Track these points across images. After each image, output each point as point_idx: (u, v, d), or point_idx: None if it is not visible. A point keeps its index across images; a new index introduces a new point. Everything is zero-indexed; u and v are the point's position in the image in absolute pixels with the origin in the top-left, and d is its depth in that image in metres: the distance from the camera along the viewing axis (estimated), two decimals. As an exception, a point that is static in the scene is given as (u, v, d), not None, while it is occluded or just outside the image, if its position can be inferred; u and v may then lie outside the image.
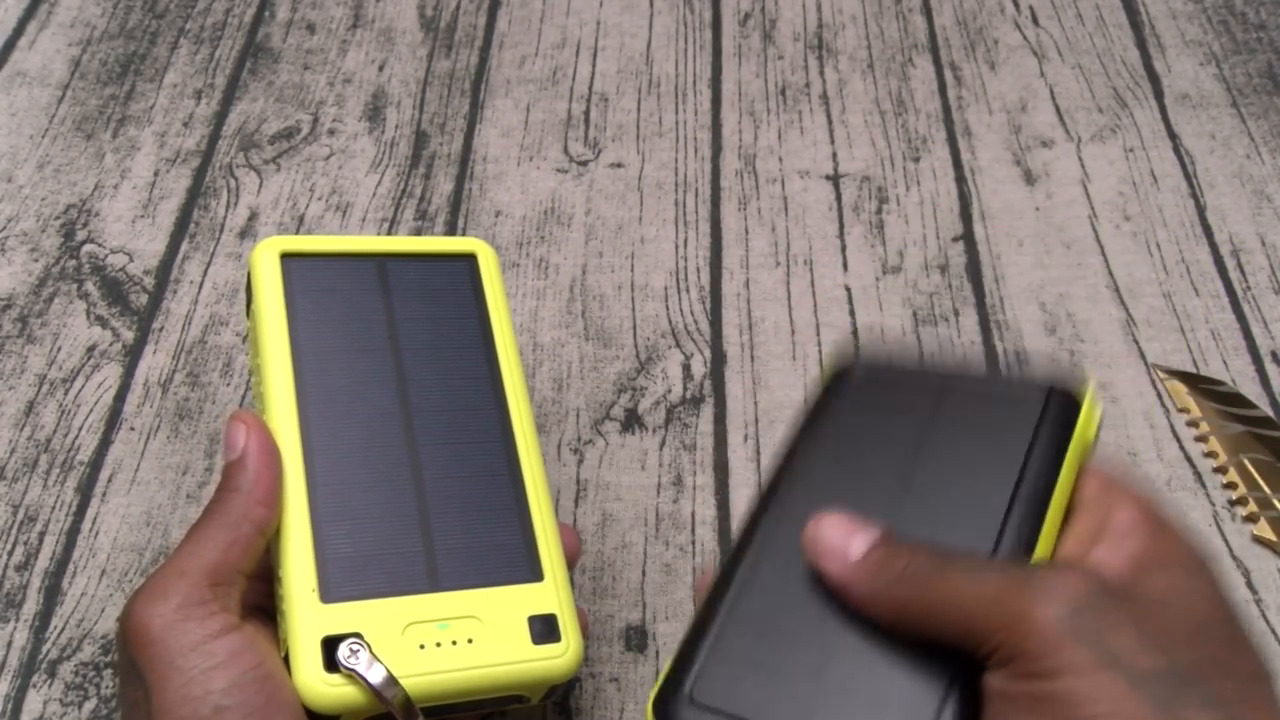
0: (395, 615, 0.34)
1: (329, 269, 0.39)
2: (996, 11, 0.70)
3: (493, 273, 0.41)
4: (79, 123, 0.64)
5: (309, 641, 0.32)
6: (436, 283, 0.40)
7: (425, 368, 0.38)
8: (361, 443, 0.36)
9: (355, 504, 0.35)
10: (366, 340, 0.38)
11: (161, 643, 0.31)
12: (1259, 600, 0.46)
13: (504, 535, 0.36)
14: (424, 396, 0.38)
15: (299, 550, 0.34)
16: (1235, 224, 0.59)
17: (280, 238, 0.39)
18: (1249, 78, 0.65)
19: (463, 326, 0.39)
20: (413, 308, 0.39)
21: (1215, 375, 0.53)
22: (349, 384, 0.37)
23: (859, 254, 0.58)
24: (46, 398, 0.53)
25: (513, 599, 0.35)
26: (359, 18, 0.70)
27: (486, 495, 0.37)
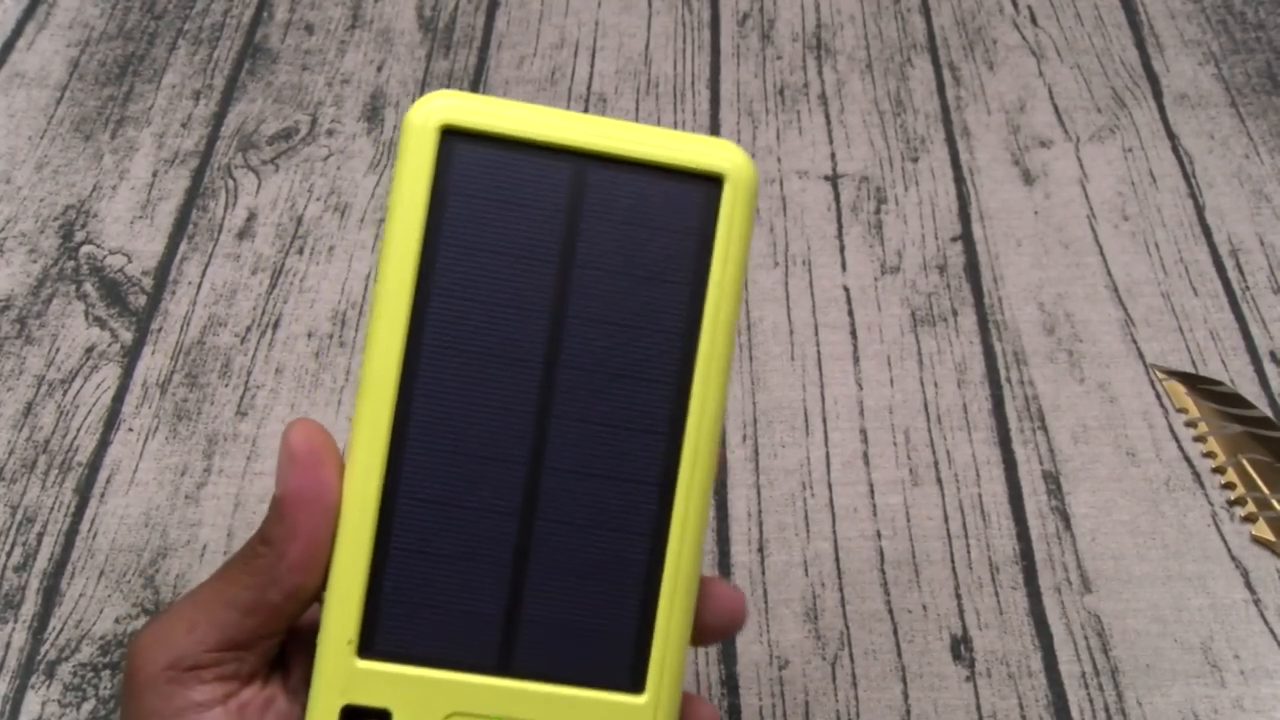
0: (441, 696, 0.26)
1: (505, 163, 0.27)
2: (995, 11, 0.70)
3: (738, 208, 0.27)
4: (77, 124, 0.64)
5: (327, 707, 0.26)
6: (652, 214, 0.27)
7: (591, 349, 0.27)
8: (474, 434, 0.27)
9: (441, 523, 0.27)
10: (526, 283, 0.27)
11: (142, 697, 0.27)
12: (1258, 600, 0.46)
13: (615, 611, 0.27)
14: (574, 392, 0.27)
15: (348, 577, 0.26)
16: (1234, 224, 0.59)
17: (449, 97, 0.27)
18: (1248, 77, 0.65)
19: (669, 290, 0.27)
20: (606, 247, 0.27)
21: (1214, 375, 0.53)
22: (483, 345, 0.27)
23: (857, 254, 0.58)
24: (45, 398, 0.53)
25: (595, 711, 0.27)
26: (357, 18, 0.70)
27: (611, 564, 0.27)
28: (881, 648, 0.45)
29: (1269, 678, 0.44)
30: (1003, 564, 0.47)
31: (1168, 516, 0.48)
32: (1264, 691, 0.44)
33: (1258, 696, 0.43)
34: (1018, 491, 0.49)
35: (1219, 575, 0.47)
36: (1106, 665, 0.44)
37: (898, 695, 0.44)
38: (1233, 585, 0.46)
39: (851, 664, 0.45)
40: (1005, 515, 0.49)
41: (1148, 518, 0.48)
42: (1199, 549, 0.47)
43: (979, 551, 0.47)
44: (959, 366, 0.53)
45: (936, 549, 0.48)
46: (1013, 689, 0.44)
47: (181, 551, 0.48)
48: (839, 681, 0.44)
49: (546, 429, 0.27)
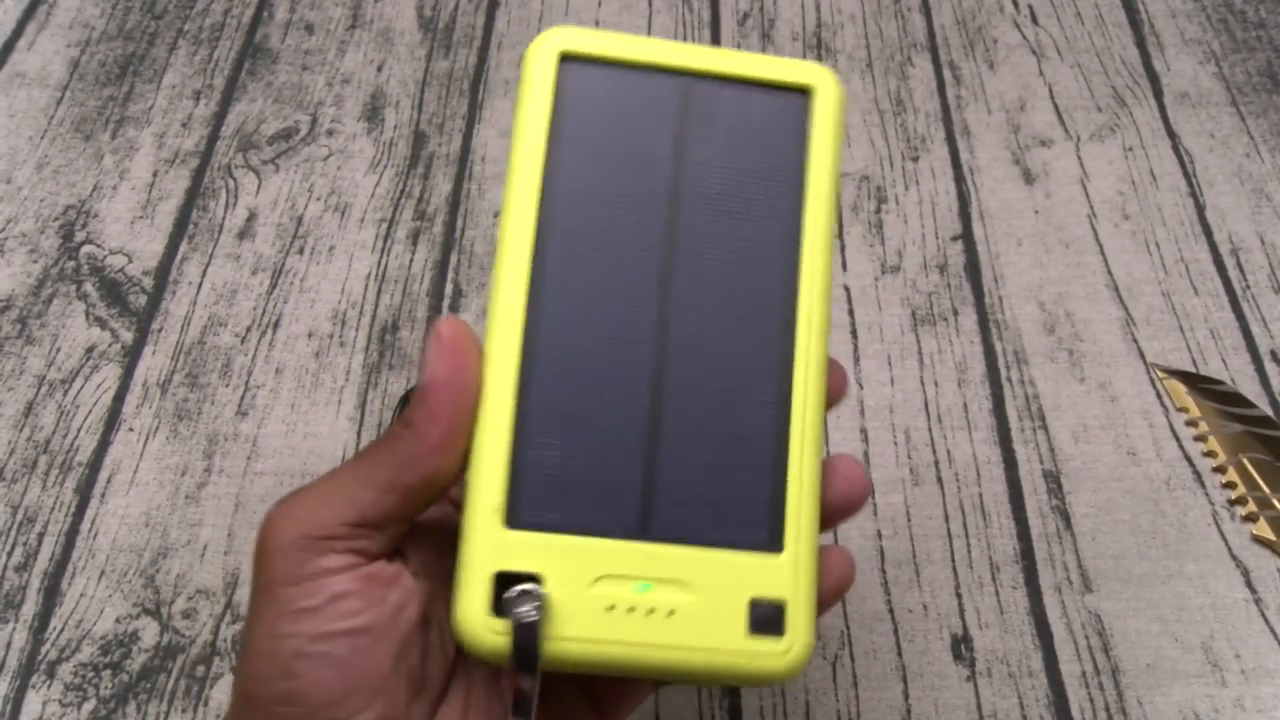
0: (589, 561, 0.27)
1: (619, 83, 0.30)
2: (995, 10, 0.70)
3: (829, 117, 0.31)
4: (78, 124, 0.64)
5: (479, 573, 0.27)
6: (753, 120, 0.30)
7: (705, 239, 0.29)
8: (601, 324, 0.28)
9: (574, 408, 0.28)
10: (643, 181, 0.29)
11: (273, 564, 0.27)
12: (1259, 600, 0.46)
13: (749, 480, 0.28)
14: (693, 279, 0.29)
15: (492, 453, 0.27)
16: (1234, 223, 0.59)
17: (566, 29, 0.30)
18: (1248, 76, 0.65)
19: (768, 188, 0.30)
20: (713, 148, 0.30)
21: (1214, 374, 0.53)
22: (606, 235, 0.29)
23: (858, 253, 0.58)
24: (45, 398, 0.53)
25: (737, 570, 0.27)
26: (357, 18, 0.70)
27: (740, 429, 0.28)
28: (882, 647, 0.45)
29: (1270, 677, 0.44)
30: (1003, 563, 0.47)
31: (1168, 516, 0.48)
32: (1265, 691, 0.44)
33: (1258, 696, 0.43)
34: (1018, 491, 0.49)
35: (1220, 575, 0.47)
36: (1107, 665, 0.44)
37: (898, 695, 0.44)
38: (1233, 585, 0.46)
39: (852, 663, 0.45)
40: (1006, 514, 0.48)
41: (1148, 517, 0.48)
42: (1200, 548, 0.47)
43: (979, 551, 0.47)
44: (959, 366, 0.53)
45: (937, 548, 0.48)
46: (1013, 688, 0.44)
47: (182, 551, 0.48)
48: (839, 681, 0.44)
49: (668, 309, 0.29)
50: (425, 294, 0.56)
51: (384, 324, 0.55)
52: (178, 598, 0.46)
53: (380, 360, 0.54)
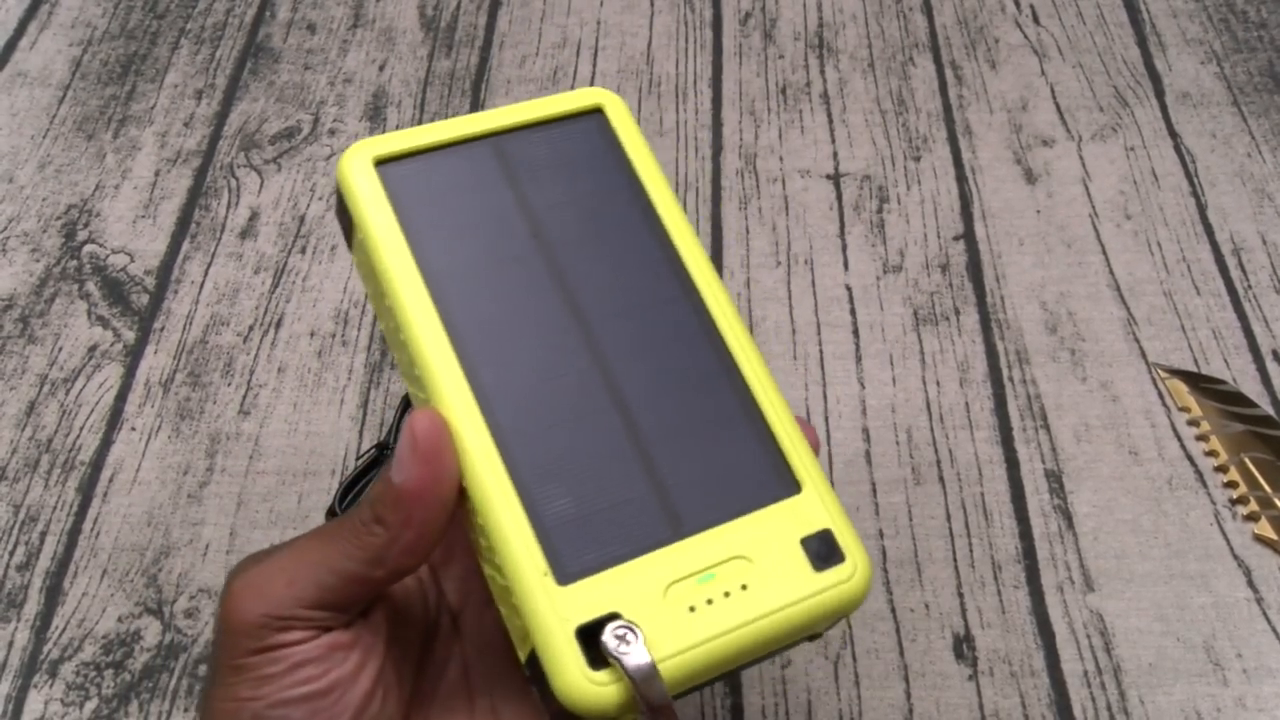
0: (649, 578, 0.27)
1: (436, 167, 0.31)
2: (997, 10, 0.70)
3: (628, 125, 0.33)
4: (80, 123, 0.65)
5: (560, 639, 0.26)
6: (568, 152, 0.32)
7: (587, 263, 0.31)
8: (541, 374, 0.29)
9: (559, 453, 0.28)
10: (508, 244, 0.30)
11: (235, 639, 0.28)
12: (1260, 599, 0.46)
13: (741, 448, 0.29)
14: (596, 299, 0.30)
15: (511, 527, 0.27)
16: (1236, 223, 0.59)
17: (370, 140, 0.31)
18: (1250, 76, 0.65)
19: (614, 200, 0.32)
20: (549, 190, 0.31)
21: (1216, 374, 0.53)
22: (504, 303, 0.30)
23: (860, 253, 0.58)
24: (48, 398, 0.53)
25: (776, 523, 0.28)
26: (359, 17, 0.70)
27: (706, 405, 0.30)
28: (884, 647, 0.45)
29: (1271, 676, 0.44)
30: (1005, 563, 0.47)
31: (1170, 515, 0.48)
32: (1266, 690, 0.44)
33: (1260, 695, 0.43)
34: (1020, 490, 0.49)
35: (1221, 574, 0.47)
36: (1109, 664, 0.44)
37: (900, 694, 0.44)
38: (1235, 584, 0.46)
39: (854, 663, 0.45)
40: (1007, 514, 0.48)
41: (1150, 516, 0.48)
42: (1201, 548, 0.47)
43: (981, 550, 0.47)
44: (961, 365, 0.53)
45: (939, 548, 0.48)
46: (1015, 688, 0.44)
47: (184, 550, 0.48)
48: (841, 681, 0.44)
49: (595, 337, 0.30)
50: (427, 293, 0.56)
51: (386, 323, 0.55)
52: (180, 597, 0.46)
53: (382, 359, 0.54)
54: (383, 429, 0.51)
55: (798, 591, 0.28)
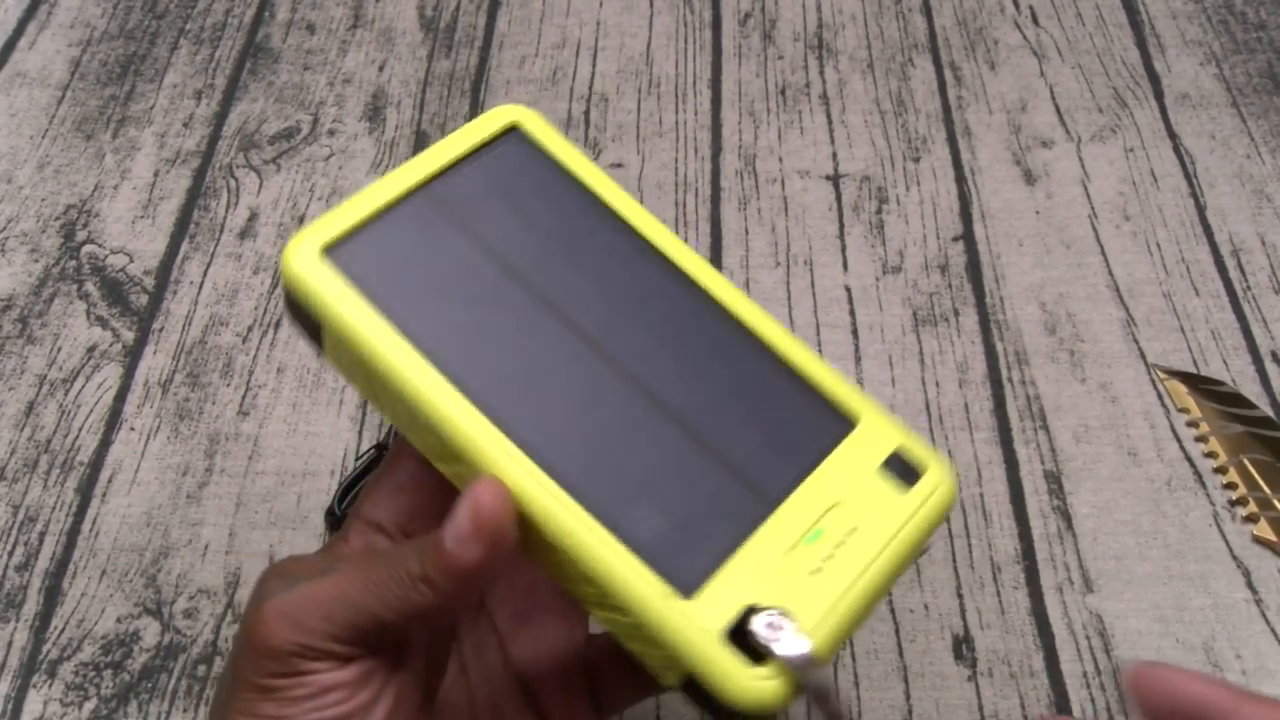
0: (765, 557, 0.27)
1: (383, 234, 0.30)
2: (996, 11, 0.70)
3: (547, 132, 0.33)
4: (79, 123, 0.64)
5: (711, 648, 0.26)
6: (501, 178, 0.31)
7: (567, 279, 0.30)
8: (574, 406, 0.28)
9: (627, 474, 0.28)
10: (485, 288, 0.30)
11: (263, 662, 0.28)
12: (1259, 600, 0.46)
13: (788, 405, 0.30)
14: (591, 312, 0.30)
15: (617, 565, 0.27)
16: (1235, 224, 0.59)
17: (305, 231, 0.29)
18: (1249, 77, 0.65)
19: (564, 209, 0.31)
20: (500, 221, 0.31)
21: (1215, 375, 0.53)
22: (507, 349, 0.29)
23: (859, 254, 0.58)
24: (46, 398, 0.53)
25: (850, 461, 0.29)
26: (359, 18, 0.70)
27: (739, 378, 0.30)
28: (883, 647, 0.45)
29: (1270, 677, 0.44)
30: (1004, 563, 0.47)
31: (1169, 516, 0.48)
32: (1265, 691, 0.44)
33: (1259, 696, 0.43)
34: (1019, 491, 0.49)
35: (1220, 575, 0.47)
36: (1108, 665, 0.44)
37: (899, 695, 0.44)
38: (1234, 585, 0.46)
39: (853, 664, 0.45)
40: (1007, 515, 0.49)
41: (1149, 517, 0.48)
42: (1200, 549, 0.47)
43: (980, 551, 0.48)
44: (960, 366, 0.53)
45: (938, 548, 0.48)
46: (1014, 689, 0.44)
47: (183, 551, 0.48)
48: (840, 681, 0.44)
49: (607, 349, 0.30)
50: (426, 294, 0.56)
51: (385, 324, 0.55)
52: (179, 597, 0.46)
53: (381, 360, 0.54)
54: (382, 429, 0.51)
55: (899, 516, 0.28)
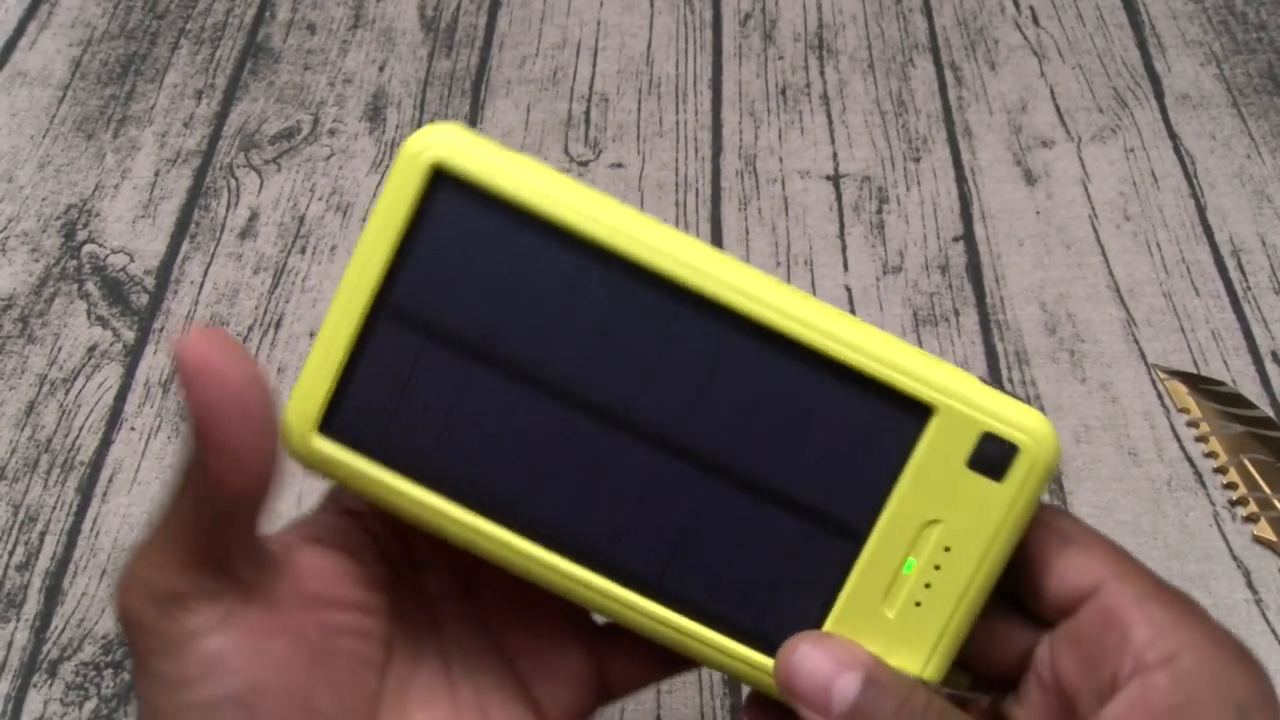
0: (865, 607, 0.25)
1: (363, 386, 0.27)
2: (997, 11, 0.70)
3: (480, 160, 0.25)
4: (79, 123, 0.65)
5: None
6: (449, 256, 0.25)
7: (568, 354, 0.25)
8: (623, 500, 0.26)
9: (707, 558, 0.26)
10: (486, 400, 0.26)
11: (135, 637, 0.24)
12: (1259, 600, 0.46)
13: (850, 413, 0.25)
14: (604, 383, 0.25)
15: (713, 654, 0.26)
16: (1236, 224, 0.59)
17: (289, 417, 0.28)
18: (1249, 78, 0.65)
19: (535, 264, 0.25)
20: (466, 315, 0.26)
21: (1215, 375, 0.53)
22: (537, 462, 0.26)
23: (859, 254, 0.58)
24: (47, 398, 0.53)
25: (934, 461, 0.25)
26: (359, 18, 0.70)
27: (782, 395, 0.25)
28: (883, 647, 0.45)
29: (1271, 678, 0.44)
30: (1005, 564, 0.47)
31: (1169, 516, 0.48)
32: (1266, 691, 0.44)
33: (1259, 696, 0.43)
34: (1019, 491, 0.49)
35: (1221, 575, 0.47)
36: (1108, 665, 0.44)
37: (900, 695, 0.44)
38: (1234, 585, 0.46)
39: (853, 663, 0.44)
40: (1007, 515, 0.48)
41: (1149, 517, 0.48)
42: (1201, 549, 0.47)
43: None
44: (961, 366, 0.53)
45: (938, 549, 0.48)
46: (1015, 689, 0.44)
47: (184, 550, 0.48)
48: (841, 681, 0.44)
49: (638, 419, 0.26)
50: (427, 294, 0.56)
51: (386, 324, 0.55)
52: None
53: (382, 360, 0.54)
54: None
55: (996, 515, 0.25)
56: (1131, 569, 0.25)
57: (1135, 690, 0.23)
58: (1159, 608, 0.24)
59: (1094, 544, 0.25)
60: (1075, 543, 0.25)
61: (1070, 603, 0.25)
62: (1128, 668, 0.23)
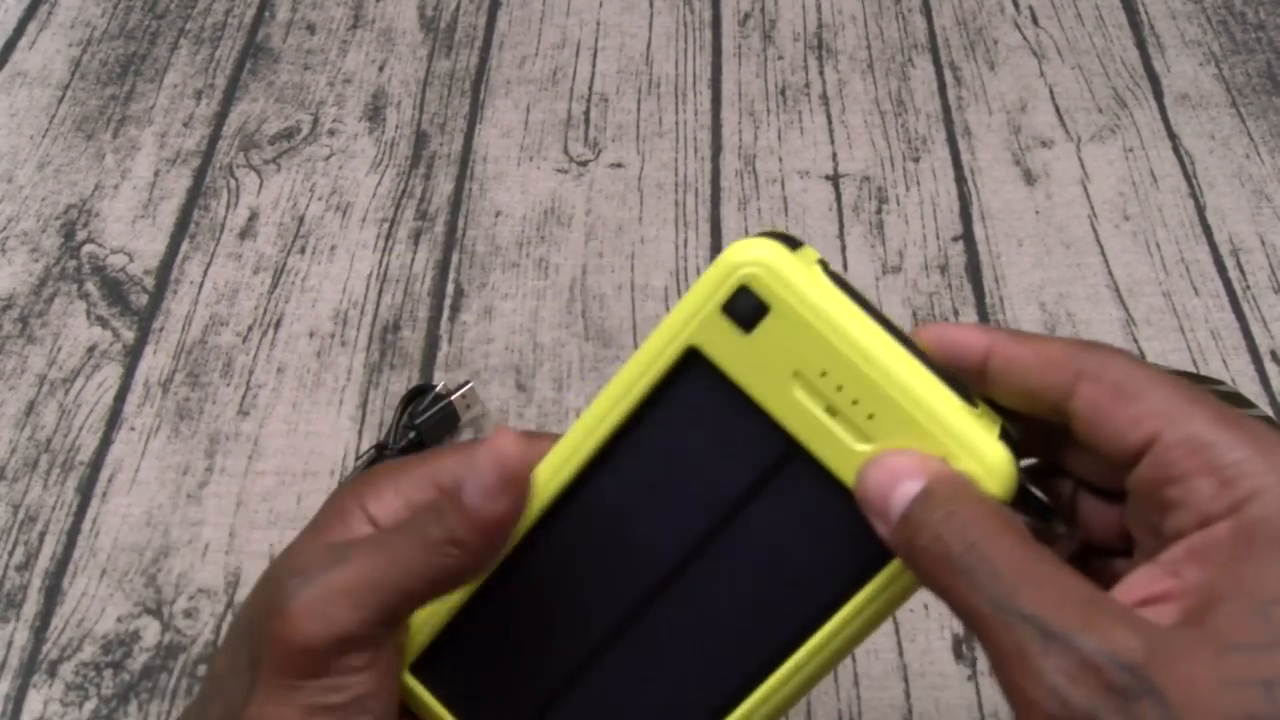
0: None
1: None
2: (996, 11, 0.70)
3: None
4: (79, 123, 0.64)
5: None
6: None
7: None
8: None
9: None
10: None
11: (294, 660, 0.26)
12: (1259, 600, 0.46)
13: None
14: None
15: None
16: (1235, 224, 0.59)
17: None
18: (1248, 78, 0.65)
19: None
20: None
21: (1215, 375, 0.53)
22: None
23: (859, 254, 0.58)
24: (47, 398, 0.53)
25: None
26: (359, 18, 0.70)
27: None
28: (883, 647, 0.45)
29: None
30: (1004, 563, 0.47)
31: (1169, 516, 0.48)
32: (1265, 691, 0.44)
33: (1259, 696, 0.43)
34: (1019, 491, 0.49)
35: None
36: (1108, 664, 0.44)
37: (900, 694, 0.44)
38: (1234, 585, 0.46)
39: (853, 663, 0.45)
40: (1007, 515, 0.49)
41: (1149, 517, 0.48)
42: (1200, 548, 0.47)
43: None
44: (960, 366, 0.53)
45: (938, 548, 0.48)
46: (1014, 688, 0.44)
47: (184, 551, 0.48)
48: (841, 681, 0.44)
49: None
50: (427, 294, 0.56)
51: (385, 323, 0.55)
52: (179, 597, 0.46)
53: (382, 360, 0.54)
54: (382, 429, 0.51)
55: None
56: (1185, 411, 0.23)
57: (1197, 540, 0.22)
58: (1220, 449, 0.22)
59: (1143, 391, 0.23)
60: (1124, 394, 0.23)
61: (1132, 460, 0.23)
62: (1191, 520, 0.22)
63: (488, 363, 0.54)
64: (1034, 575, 0.21)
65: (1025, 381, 0.24)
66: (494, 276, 0.57)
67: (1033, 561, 0.21)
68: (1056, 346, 0.24)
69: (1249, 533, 0.21)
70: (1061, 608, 0.21)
